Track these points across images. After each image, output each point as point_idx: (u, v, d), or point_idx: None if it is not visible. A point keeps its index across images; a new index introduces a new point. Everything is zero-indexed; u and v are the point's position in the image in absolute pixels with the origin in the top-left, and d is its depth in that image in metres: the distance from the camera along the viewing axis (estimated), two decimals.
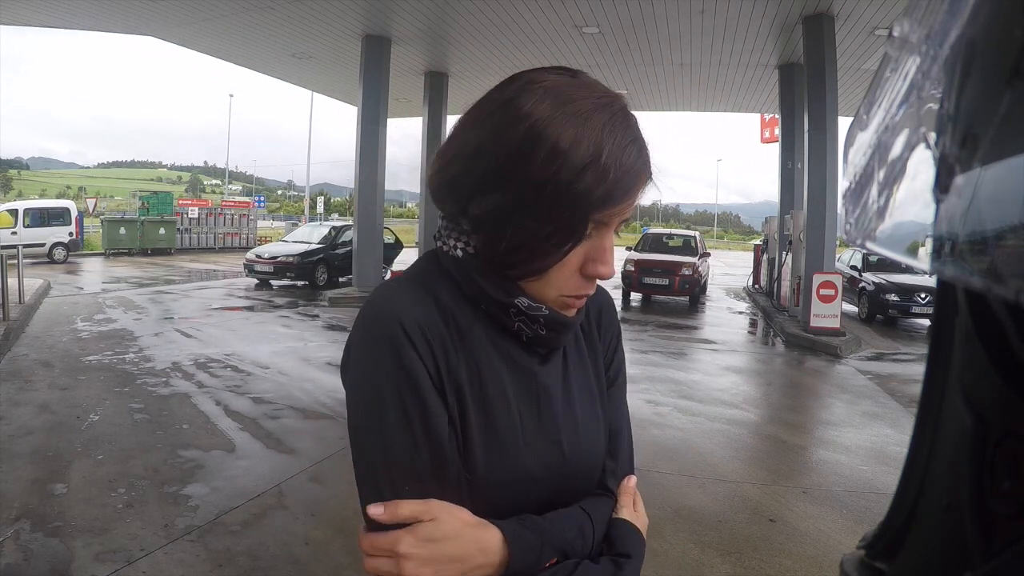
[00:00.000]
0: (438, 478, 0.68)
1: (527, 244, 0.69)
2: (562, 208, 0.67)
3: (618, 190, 0.67)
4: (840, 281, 9.50)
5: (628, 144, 0.68)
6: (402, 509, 0.65)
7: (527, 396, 0.75)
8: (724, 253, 45.66)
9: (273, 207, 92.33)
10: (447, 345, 0.72)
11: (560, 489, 0.75)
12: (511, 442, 0.73)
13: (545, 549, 0.69)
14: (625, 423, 0.86)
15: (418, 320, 0.70)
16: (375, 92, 12.27)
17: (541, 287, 0.73)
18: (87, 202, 33.53)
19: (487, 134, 0.69)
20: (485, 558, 0.66)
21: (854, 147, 0.38)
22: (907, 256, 0.32)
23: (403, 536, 0.64)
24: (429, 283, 0.75)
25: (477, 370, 0.73)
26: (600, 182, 0.66)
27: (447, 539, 0.65)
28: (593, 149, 0.66)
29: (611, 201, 0.67)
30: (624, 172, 0.67)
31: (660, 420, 5.46)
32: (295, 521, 3.43)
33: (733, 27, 10.52)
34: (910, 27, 0.34)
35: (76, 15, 11.39)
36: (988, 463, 0.31)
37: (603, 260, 0.72)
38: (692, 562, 3.15)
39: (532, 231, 0.68)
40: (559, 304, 0.74)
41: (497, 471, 0.71)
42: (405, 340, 0.69)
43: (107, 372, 6.25)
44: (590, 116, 0.67)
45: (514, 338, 0.76)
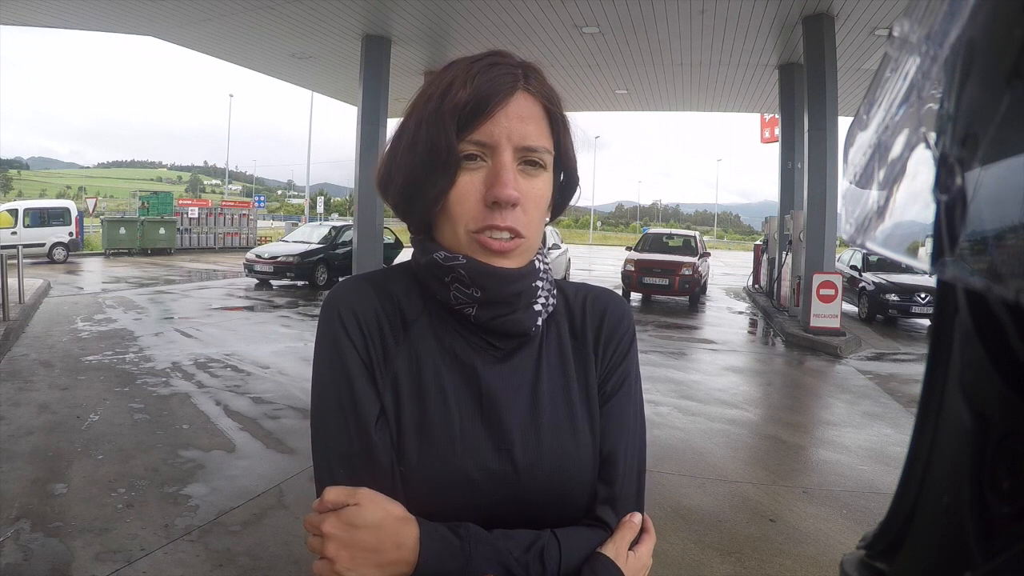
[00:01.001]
0: (369, 465, 0.69)
1: (414, 181, 0.73)
2: (432, 137, 0.70)
3: (475, 101, 0.70)
4: (840, 281, 9.51)
5: (488, 67, 0.72)
6: (328, 495, 0.67)
7: (468, 395, 0.73)
8: (724, 253, 45.67)
9: (273, 207, 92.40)
10: (385, 335, 0.73)
11: (510, 501, 0.70)
12: (446, 440, 0.70)
13: (477, 561, 0.65)
14: (626, 445, 0.76)
15: (354, 309, 0.73)
16: (375, 92, 12.27)
17: (451, 229, 0.72)
18: (87, 202, 33.54)
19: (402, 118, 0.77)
20: (398, 553, 0.65)
21: (854, 147, 0.38)
22: (907, 256, 0.32)
23: (329, 517, 0.66)
24: (381, 277, 0.78)
25: (416, 362, 0.73)
26: (456, 100, 0.70)
27: (367, 527, 0.65)
28: (453, 74, 0.72)
29: (474, 113, 0.70)
30: (479, 85, 0.70)
31: (660, 420, 5.46)
32: (295, 521, 3.43)
33: (733, 27, 10.52)
34: (910, 27, 0.34)
35: (76, 15, 11.39)
36: (988, 463, 0.31)
37: (500, 182, 0.70)
38: (692, 562, 3.15)
39: (414, 170, 0.72)
40: (473, 248, 0.72)
41: (430, 468, 0.70)
42: (340, 328, 0.72)
43: (107, 372, 6.26)
44: (457, 65, 0.74)
45: (465, 332, 0.75)
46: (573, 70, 13.54)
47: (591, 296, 0.83)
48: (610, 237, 78.52)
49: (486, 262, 0.72)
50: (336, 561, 0.64)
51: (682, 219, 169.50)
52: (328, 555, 0.65)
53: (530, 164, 0.72)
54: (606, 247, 50.40)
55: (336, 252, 14.76)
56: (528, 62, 0.76)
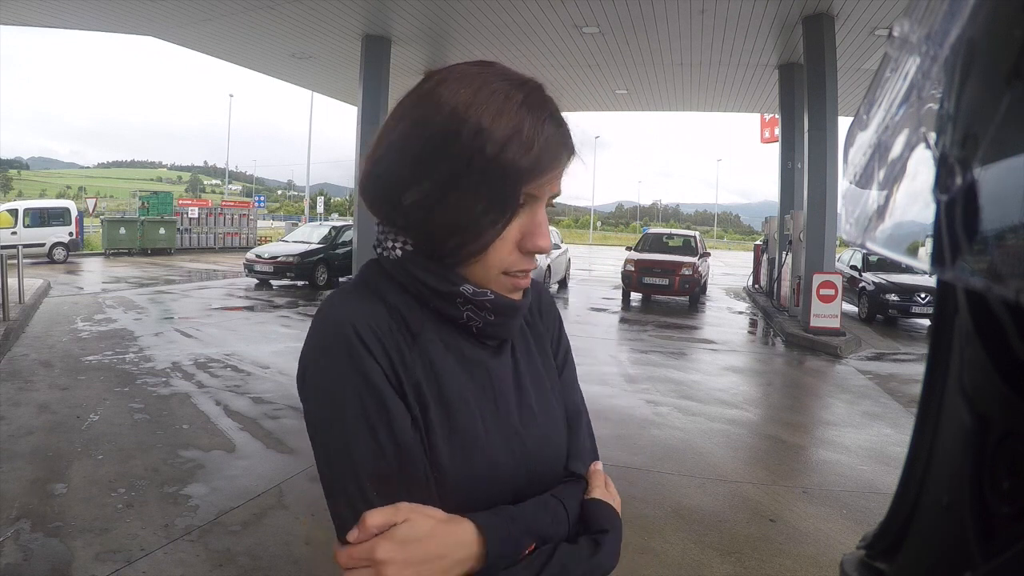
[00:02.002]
0: (406, 480, 0.68)
1: (461, 223, 0.70)
2: (491, 182, 0.69)
3: (543, 160, 0.70)
4: (840, 281, 9.51)
5: (546, 118, 0.71)
6: (372, 520, 0.64)
7: (483, 390, 0.76)
8: (724, 253, 45.67)
9: (273, 207, 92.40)
10: (401, 347, 0.72)
11: (528, 479, 0.76)
12: (473, 437, 0.73)
13: (522, 537, 0.70)
14: (581, 407, 0.87)
15: (370, 324, 0.71)
16: (375, 92, 12.27)
17: (483, 269, 0.73)
18: (87, 202, 33.53)
19: (409, 126, 0.72)
20: (464, 551, 0.66)
21: (854, 147, 0.38)
22: (907, 256, 0.32)
23: (379, 542, 0.63)
24: (376, 288, 0.76)
25: (432, 369, 0.73)
26: (525, 153, 0.68)
27: (424, 538, 0.64)
28: (514, 123, 0.69)
29: (538, 171, 0.70)
30: (546, 143, 0.70)
31: (660, 420, 5.46)
32: (295, 521, 3.43)
33: (733, 27, 10.52)
34: (910, 27, 0.34)
35: (76, 15, 11.39)
36: (988, 463, 0.31)
37: (539, 233, 0.73)
38: (692, 562, 3.15)
39: (464, 209, 0.69)
40: (503, 285, 0.75)
41: (463, 467, 0.71)
42: (359, 344, 0.69)
43: (107, 372, 6.26)
44: (508, 96, 0.70)
45: (464, 333, 0.77)
46: (573, 70, 13.54)
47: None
48: (610, 237, 78.54)
49: (511, 297, 0.77)
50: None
51: (682, 219, 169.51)
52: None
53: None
54: (606, 247, 50.40)
55: (336, 252, 14.75)
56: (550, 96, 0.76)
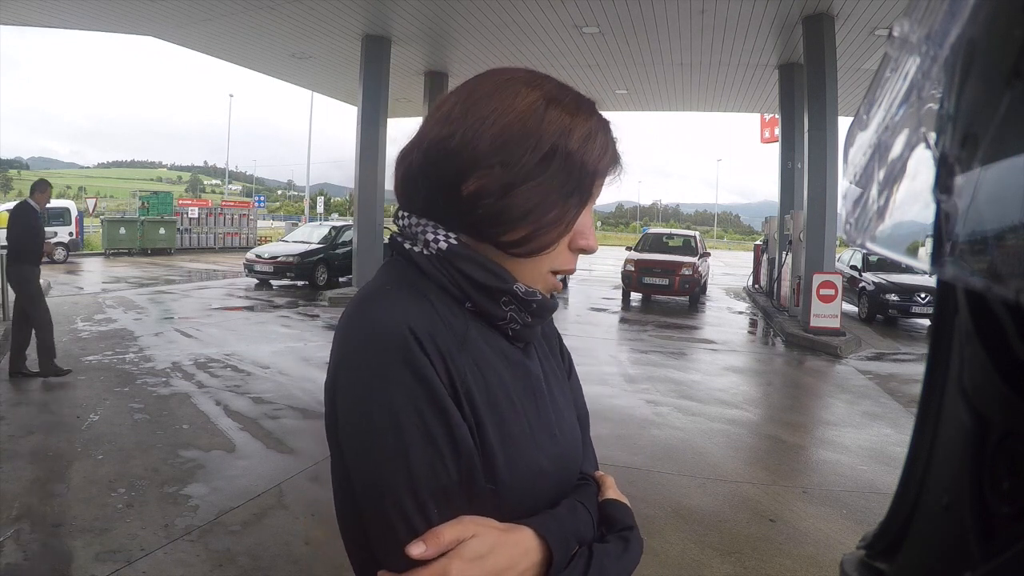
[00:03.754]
0: (467, 493, 0.66)
1: (537, 212, 0.70)
2: (572, 174, 0.72)
3: (608, 161, 0.76)
4: (840, 281, 9.50)
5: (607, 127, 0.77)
6: (445, 536, 0.61)
7: (526, 392, 0.75)
8: (724, 253, 45.64)
9: (273, 207, 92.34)
10: (451, 350, 0.68)
11: (564, 480, 0.78)
12: (524, 441, 0.72)
13: (571, 539, 0.71)
14: (586, 411, 0.90)
15: (427, 327, 0.66)
16: (375, 92, 12.27)
17: (534, 266, 0.74)
18: (87, 202, 33.53)
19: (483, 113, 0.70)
20: (529, 559, 0.66)
21: (854, 147, 0.38)
22: (907, 256, 0.32)
23: (450, 562, 0.60)
24: (420, 289, 0.70)
25: (481, 373, 0.70)
26: (599, 153, 0.74)
27: (492, 552, 0.63)
28: (590, 125, 0.74)
29: (603, 171, 0.75)
30: (611, 147, 0.76)
31: (660, 420, 5.46)
32: (295, 521, 3.43)
33: (733, 27, 10.51)
34: (910, 27, 0.34)
35: (76, 15, 11.39)
36: (988, 463, 0.31)
37: (590, 233, 0.77)
38: (692, 562, 3.15)
39: (543, 198, 0.70)
40: (547, 284, 0.77)
41: (515, 472, 0.70)
42: (419, 350, 0.65)
43: (107, 372, 6.26)
44: (580, 101, 0.75)
45: (501, 334, 0.75)
46: (573, 70, 13.53)
47: None
48: (610, 237, 78.47)
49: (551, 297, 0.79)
50: None
51: (682, 219, 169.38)
52: None
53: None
54: (606, 247, 50.27)
55: (336, 252, 14.75)
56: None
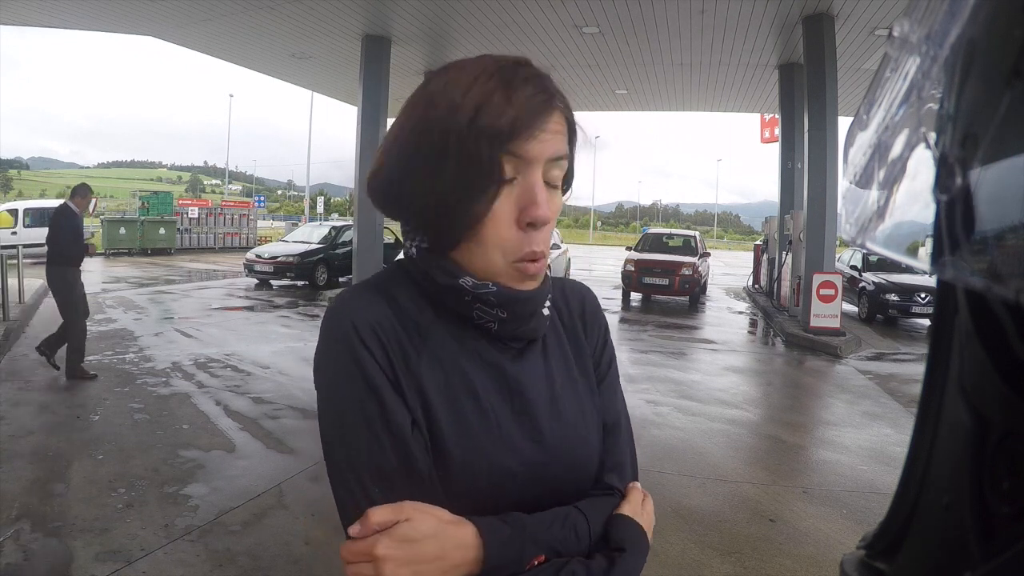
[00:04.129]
0: (407, 477, 0.68)
1: (449, 201, 0.69)
2: (470, 151, 0.67)
3: (522, 117, 0.68)
4: (840, 281, 9.51)
5: (523, 81, 0.69)
6: (374, 517, 0.64)
7: (499, 392, 0.74)
8: (724, 253, 45.66)
9: (273, 207, 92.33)
10: (404, 345, 0.71)
11: (545, 486, 0.74)
12: (485, 439, 0.72)
13: (528, 546, 0.68)
14: (622, 418, 0.85)
15: (370, 321, 0.70)
16: (375, 92, 12.27)
17: (483, 255, 0.71)
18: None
19: (399, 124, 0.74)
20: (463, 554, 0.65)
21: (854, 147, 0.38)
22: (907, 256, 0.32)
23: (380, 539, 0.63)
24: (385, 286, 0.75)
25: (441, 369, 0.72)
26: (500, 115, 0.67)
27: (424, 538, 0.64)
28: (486, 91, 0.68)
29: (518, 128, 0.68)
30: (524, 101, 0.68)
31: (660, 420, 5.46)
32: (295, 521, 3.43)
33: (733, 27, 10.51)
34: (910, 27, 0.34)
35: (76, 15, 11.39)
36: (988, 463, 0.31)
37: (533, 202, 0.69)
38: (692, 562, 3.15)
39: (449, 185, 0.69)
40: (510, 274, 0.72)
41: (475, 468, 0.70)
42: (358, 341, 0.69)
43: (107, 372, 6.25)
44: (482, 71, 0.70)
45: (485, 335, 0.75)
46: (573, 70, 13.53)
47: (567, 287, 0.89)
48: (610, 237, 78.51)
49: (518, 288, 0.73)
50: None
51: (682, 219, 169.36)
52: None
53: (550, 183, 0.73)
54: (606, 247, 50.38)
55: (336, 252, 14.75)
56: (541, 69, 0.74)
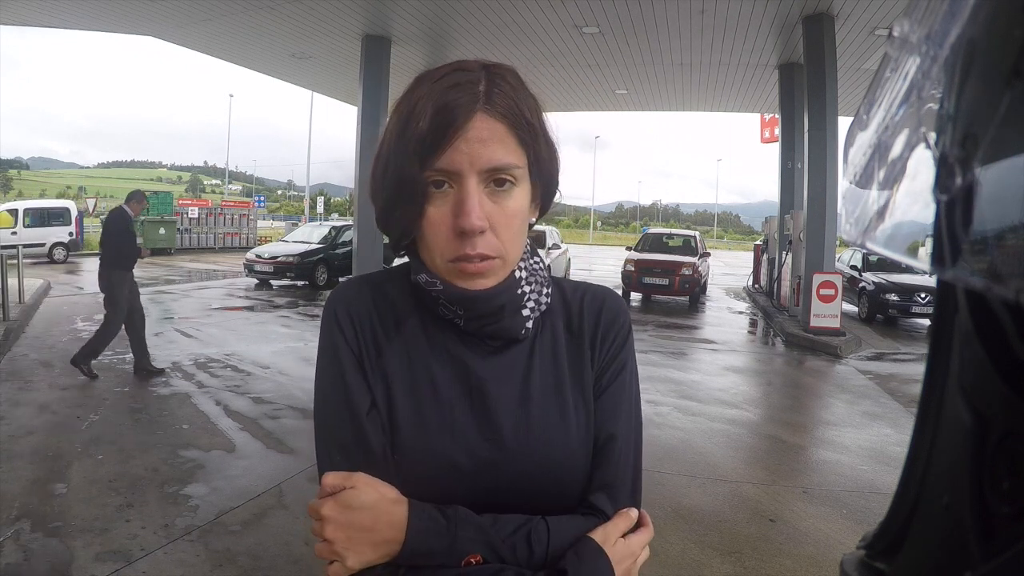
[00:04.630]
0: (363, 454, 0.73)
1: (387, 210, 0.75)
2: (393, 171, 0.72)
3: (434, 131, 0.69)
4: (840, 281, 9.51)
5: (450, 87, 0.69)
6: (327, 480, 0.71)
7: (460, 387, 0.76)
8: (724, 253, 45.65)
9: (273, 207, 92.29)
10: (378, 333, 0.77)
11: (498, 488, 0.73)
12: (437, 430, 0.74)
13: (462, 542, 0.68)
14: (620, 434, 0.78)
15: (348, 309, 0.78)
16: (375, 92, 12.27)
17: (428, 255, 0.75)
18: (87, 202, 33.49)
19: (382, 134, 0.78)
20: (391, 532, 0.68)
21: (854, 147, 0.38)
22: (907, 256, 0.32)
23: (327, 501, 0.69)
24: (377, 279, 0.82)
25: (407, 359, 0.77)
26: (418, 127, 0.69)
27: (362, 508, 0.69)
28: (415, 101, 0.71)
29: (435, 143, 0.69)
30: (438, 111, 0.68)
31: (660, 420, 5.46)
32: (295, 521, 3.43)
33: (733, 27, 10.51)
34: (910, 27, 0.34)
35: (76, 15, 11.38)
36: (988, 463, 0.31)
37: (462, 211, 0.70)
38: (692, 562, 3.15)
39: (386, 197, 0.74)
40: (451, 272, 0.73)
41: (421, 456, 0.73)
42: (335, 325, 0.77)
43: (107, 372, 6.25)
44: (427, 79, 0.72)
45: (456, 331, 0.77)
46: (573, 70, 13.53)
47: (589, 294, 0.84)
48: (610, 237, 78.49)
49: (463, 286, 0.74)
50: (334, 542, 0.68)
51: (682, 219, 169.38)
52: (327, 536, 0.69)
53: (499, 184, 0.71)
54: (606, 247, 50.37)
55: (336, 252, 14.75)
56: (495, 66, 0.73)
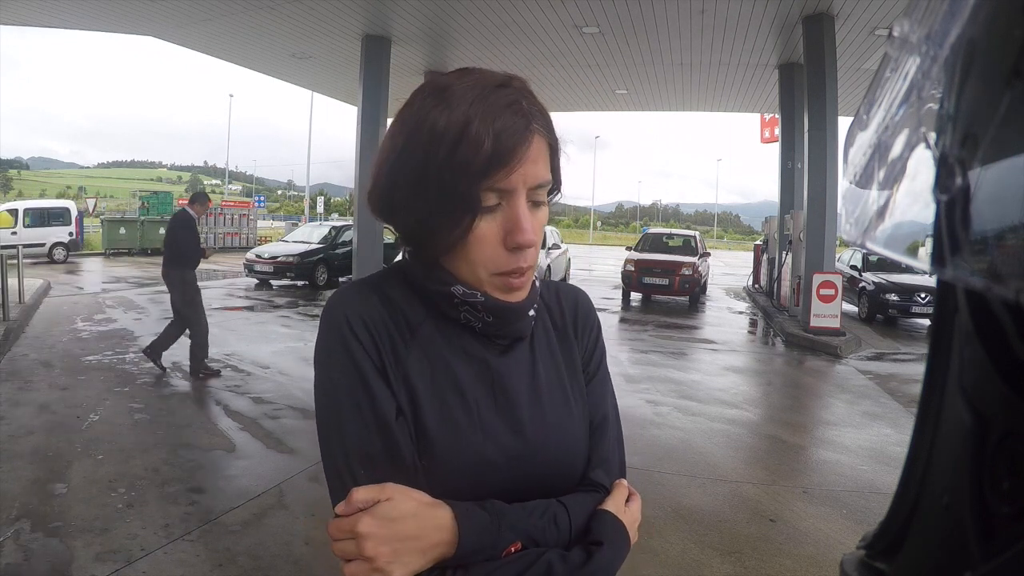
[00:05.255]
0: (391, 461, 0.72)
1: (429, 226, 0.74)
2: (445, 185, 0.71)
3: (498, 154, 0.70)
4: (840, 281, 9.51)
5: (502, 108, 0.71)
6: (357, 495, 0.68)
7: (482, 386, 0.78)
8: (724, 253, 45.65)
9: (273, 207, 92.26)
10: (394, 339, 0.76)
11: (526, 477, 0.77)
12: (467, 430, 0.76)
13: (504, 533, 0.71)
14: (610, 417, 0.87)
15: (361, 315, 0.76)
16: (375, 92, 12.27)
17: (470, 269, 0.75)
18: (87, 202, 33.50)
19: (389, 137, 0.77)
20: (440, 535, 0.68)
21: (854, 147, 0.38)
22: (907, 256, 0.32)
23: (362, 516, 0.66)
24: (379, 283, 0.81)
25: (428, 363, 0.77)
26: (476, 150, 0.69)
27: (403, 518, 0.67)
28: (462, 122, 0.70)
29: (495, 165, 0.70)
30: (499, 135, 0.70)
31: (660, 420, 5.46)
32: (295, 521, 3.43)
33: (733, 27, 10.51)
34: (910, 27, 0.34)
35: (76, 15, 11.38)
36: (988, 463, 0.31)
37: (518, 228, 0.73)
38: (692, 562, 3.15)
39: (427, 213, 0.73)
40: (496, 286, 0.76)
41: (455, 457, 0.74)
42: (349, 332, 0.75)
43: (107, 372, 6.26)
44: (462, 96, 0.72)
45: (469, 331, 0.79)
46: (573, 70, 13.53)
47: (561, 291, 0.93)
48: (610, 237, 78.48)
49: (504, 299, 0.77)
50: (377, 558, 0.66)
51: (682, 219, 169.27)
52: (367, 554, 0.66)
53: (537, 199, 0.76)
54: (606, 247, 50.36)
55: (336, 252, 14.75)
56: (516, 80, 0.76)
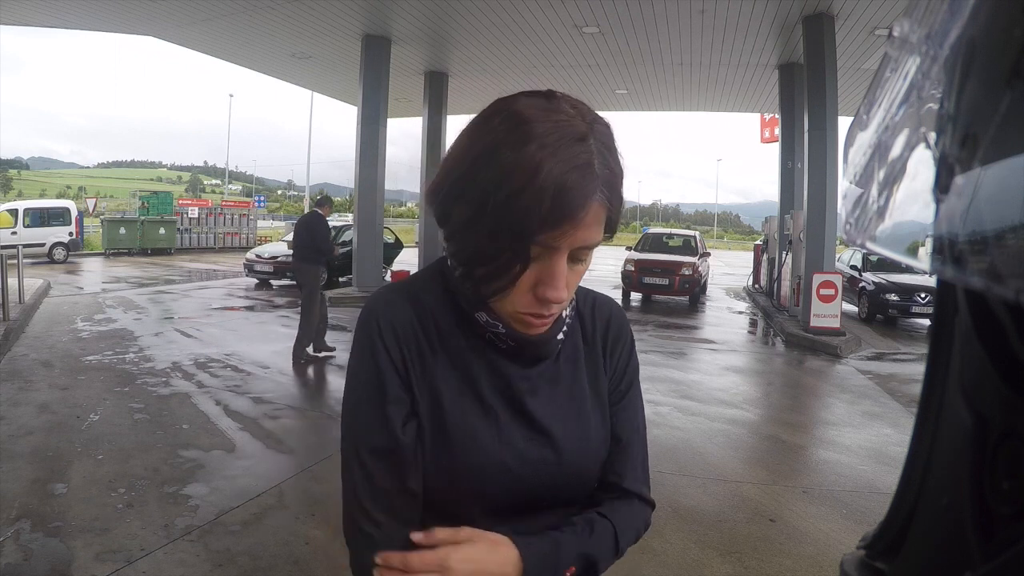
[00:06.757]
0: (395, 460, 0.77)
1: (479, 262, 0.72)
2: (503, 230, 0.68)
3: (555, 214, 0.66)
4: (840, 281, 9.50)
5: (572, 168, 0.66)
6: (440, 534, 0.74)
7: (504, 397, 0.81)
8: (724, 253, 45.62)
9: (273, 207, 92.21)
10: (422, 346, 0.80)
11: (540, 483, 0.81)
12: (485, 435, 0.79)
13: (564, 559, 0.77)
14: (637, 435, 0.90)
15: (391, 321, 0.79)
16: (375, 92, 12.26)
17: (498, 303, 0.77)
18: (87, 202, 33.48)
19: (460, 148, 0.74)
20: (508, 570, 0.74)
21: (854, 147, 0.38)
22: (907, 256, 0.32)
23: (450, 553, 0.72)
24: (416, 289, 0.82)
25: (453, 369, 0.80)
26: (537, 205, 0.66)
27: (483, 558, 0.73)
28: (530, 170, 0.66)
29: (549, 225, 0.67)
30: (562, 194, 0.66)
31: (660, 420, 5.45)
32: (295, 521, 3.43)
33: (733, 27, 10.51)
34: (910, 27, 0.34)
35: (76, 15, 11.38)
36: (988, 463, 0.31)
37: (552, 285, 0.71)
38: (692, 562, 3.15)
39: (483, 247, 0.71)
40: (517, 320, 0.77)
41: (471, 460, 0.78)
42: (377, 337, 0.78)
43: (107, 372, 6.25)
44: (539, 140, 0.66)
45: (495, 347, 0.81)
46: (573, 70, 13.52)
47: (597, 304, 0.92)
48: None
49: (525, 333, 0.78)
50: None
51: (682, 219, 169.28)
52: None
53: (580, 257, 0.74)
54: (606, 247, 50.00)
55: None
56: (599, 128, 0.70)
